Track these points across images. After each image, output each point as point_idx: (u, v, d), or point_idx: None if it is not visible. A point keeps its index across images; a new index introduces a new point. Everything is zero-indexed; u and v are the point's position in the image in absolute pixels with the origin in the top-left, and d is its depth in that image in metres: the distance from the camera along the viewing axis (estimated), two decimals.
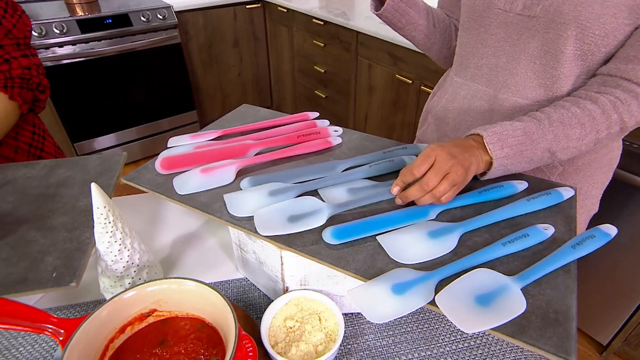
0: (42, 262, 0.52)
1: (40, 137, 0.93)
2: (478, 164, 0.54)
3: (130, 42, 2.07)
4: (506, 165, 0.55)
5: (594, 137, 0.56)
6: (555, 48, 0.60)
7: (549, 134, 0.55)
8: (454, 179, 0.51)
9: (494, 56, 0.67)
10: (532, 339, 0.38)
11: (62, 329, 0.43)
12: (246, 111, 0.81)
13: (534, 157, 0.56)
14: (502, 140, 0.54)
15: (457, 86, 0.76)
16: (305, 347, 0.48)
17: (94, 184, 0.50)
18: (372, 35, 1.81)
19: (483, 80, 0.70)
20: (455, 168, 0.51)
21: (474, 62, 0.71)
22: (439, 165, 0.51)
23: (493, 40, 0.67)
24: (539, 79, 0.63)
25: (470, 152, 0.54)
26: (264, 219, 0.51)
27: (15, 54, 0.78)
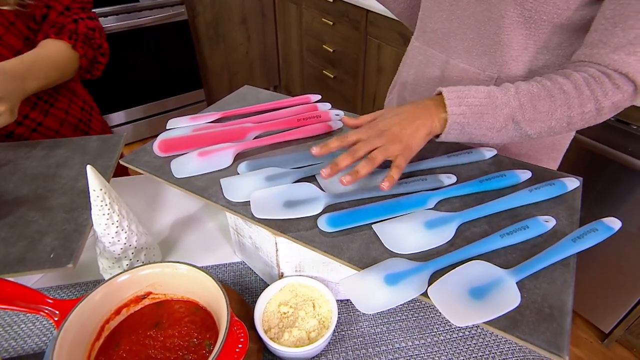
0: (41, 242, 0.53)
1: (88, 113, 0.94)
2: (432, 124, 0.52)
3: (137, 19, 2.05)
4: (462, 125, 0.52)
5: (565, 113, 0.52)
6: (497, 13, 0.59)
7: (513, 101, 0.52)
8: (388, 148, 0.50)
9: (448, 20, 0.67)
10: (524, 334, 0.38)
11: (58, 310, 0.43)
12: (247, 93, 0.80)
13: (495, 124, 0.53)
14: (461, 98, 0.52)
15: (416, 51, 0.76)
16: (298, 333, 0.48)
17: (89, 166, 0.50)
18: (382, 14, 1.75)
19: (437, 45, 0.70)
20: (389, 132, 0.51)
21: (431, 26, 0.71)
22: (372, 130, 0.51)
23: (447, 4, 0.66)
24: (484, 45, 0.63)
25: (422, 111, 0.52)
26: (260, 202, 0.51)
27: (82, 15, 0.80)
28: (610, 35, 0.50)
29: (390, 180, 0.49)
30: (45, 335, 0.54)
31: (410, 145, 0.51)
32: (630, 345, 1.40)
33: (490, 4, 0.59)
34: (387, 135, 0.51)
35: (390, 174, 0.50)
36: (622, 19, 0.49)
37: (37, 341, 0.53)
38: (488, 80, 0.65)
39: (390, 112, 0.54)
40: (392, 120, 0.52)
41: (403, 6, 0.83)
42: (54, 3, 0.76)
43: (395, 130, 0.51)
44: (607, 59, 0.50)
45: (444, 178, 0.56)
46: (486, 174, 0.57)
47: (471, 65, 0.66)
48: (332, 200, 0.51)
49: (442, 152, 0.61)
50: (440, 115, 0.52)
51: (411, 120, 0.52)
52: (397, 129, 0.51)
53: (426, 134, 0.52)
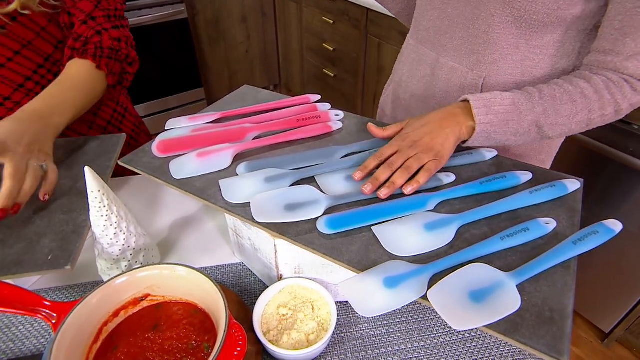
0: (39, 244, 0.53)
1: (121, 115, 0.92)
2: (460, 131, 0.54)
3: (137, 17, 2.04)
4: (489, 133, 0.54)
5: (586, 116, 0.55)
6: (486, 12, 0.60)
7: (538, 107, 0.54)
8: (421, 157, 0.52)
9: (439, 19, 0.68)
10: (524, 338, 0.38)
11: (55, 313, 0.43)
12: (246, 93, 0.79)
13: (520, 130, 0.55)
14: (488, 107, 0.54)
15: (410, 49, 0.78)
16: (297, 335, 0.48)
17: (87, 167, 0.49)
18: (383, 13, 1.75)
19: (429, 44, 0.71)
20: (421, 142, 0.53)
21: (423, 24, 0.72)
22: (404, 142, 0.53)
23: (439, 2, 0.67)
24: (472, 44, 0.64)
25: (449, 120, 0.54)
26: (260, 206, 0.51)
27: (106, 26, 0.76)
28: (622, 45, 0.52)
29: (416, 184, 0.51)
30: (44, 337, 0.54)
31: (442, 154, 0.53)
32: (631, 345, 1.40)
33: (480, 3, 0.60)
34: (419, 146, 0.53)
35: (417, 178, 0.51)
36: (632, 30, 0.51)
37: (35, 343, 0.53)
38: (476, 79, 0.66)
39: (418, 122, 0.57)
40: (422, 130, 0.55)
41: (401, 6, 0.84)
42: (75, 11, 0.72)
43: (427, 140, 0.54)
44: (622, 66, 0.53)
45: (443, 177, 0.56)
46: (486, 175, 0.56)
47: (460, 64, 0.67)
48: (332, 202, 0.51)
49: None
50: (467, 123, 0.55)
51: (441, 130, 0.54)
52: (429, 139, 0.54)
53: (455, 142, 0.55)
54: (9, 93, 0.71)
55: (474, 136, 0.55)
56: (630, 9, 0.50)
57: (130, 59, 0.82)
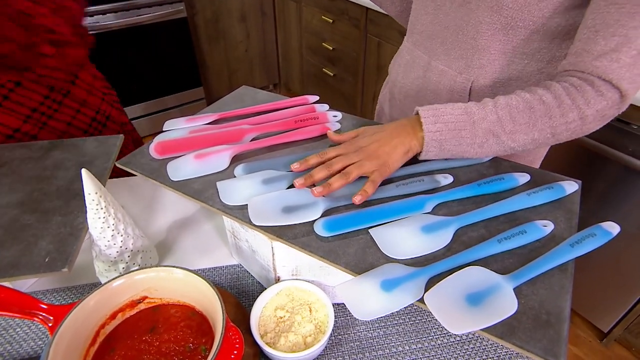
0: (36, 246, 0.52)
1: (100, 124, 0.91)
2: (410, 142, 0.54)
3: (136, 16, 2.04)
4: (440, 142, 0.53)
5: (547, 123, 0.51)
6: (475, 19, 0.61)
7: (491, 114, 0.52)
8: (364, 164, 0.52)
9: (431, 23, 0.69)
10: (521, 341, 0.38)
11: (52, 316, 0.43)
12: (245, 93, 0.79)
13: (475, 140, 0.53)
14: (437, 116, 0.53)
15: (405, 50, 0.79)
16: (294, 338, 0.48)
17: (84, 170, 0.49)
18: (382, 12, 1.74)
19: (422, 47, 0.73)
20: (367, 149, 0.53)
21: (418, 27, 0.73)
22: (351, 146, 0.53)
23: (432, 7, 0.68)
24: (462, 49, 0.65)
25: (400, 130, 0.54)
26: (258, 208, 0.50)
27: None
28: (592, 43, 0.50)
29: (364, 194, 0.50)
30: (41, 339, 0.54)
31: (387, 163, 0.53)
32: (629, 344, 1.40)
33: (469, 9, 0.61)
34: (364, 152, 0.53)
35: (364, 188, 0.51)
36: (603, 26, 0.49)
37: (33, 345, 0.53)
38: (465, 83, 0.67)
39: (370, 130, 0.57)
40: (371, 138, 0.55)
41: (399, 8, 0.85)
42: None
43: (373, 147, 0.53)
44: (590, 66, 0.50)
45: (441, 178, 0.56)
46: (484, 177, 0.56)
47: (449, 67, 0.68)
48: (330, 204, 0.51)
49: None
50: (417, 133, 0.54)
51: (389, 139, 0.54)
52: (375, 147, 0.53)
53: (404, 152, 0.54)
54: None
55: (424, 146, 0.53)
56: (602, 6, 0.49)
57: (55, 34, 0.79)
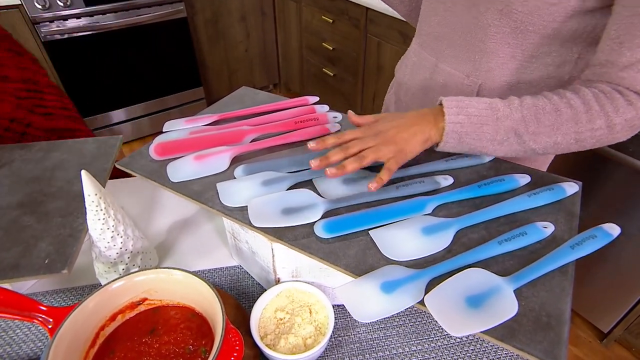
0: (35, 248, 0.52)
1: (18, 133, 0.90)
2: (429, 131, 0.52)
3: (136, 16, 2.04)
4: (460, 135, 0.52)
5: (572, 128, 0.50)
6: (484, 22, 0.59)
7: (516, 113, 0.51)
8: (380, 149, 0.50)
9: (440, 25, 0.67)
10: (521, 344, 0.37)
11: (51, 318, 0.43)
12: (244, 94, 0.79)
13: (496, 136, 0.52)
14: (461, 107, 0.52)
15: (412, 51, 0.78)
16: (294, 339, 0.48)
17: (84, 171, 0.49)
18: (382, 12, 1.74)
19: (429, 49, 0.71)
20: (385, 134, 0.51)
21: (425, 29, 0.72)
22: (369, 130, 0.52)
23: (441, 9, 0.66)
24: (470, 52, 0.64)
25: (420, 119, 0.53)
26: (258, 210, 0.50)
27: None
28: (617, 54, 0.49)
29: (379, 181, 0.50)
30: (41, 340, 0.54)
31: (404, 150, 0.51)
32: (629, 344, 1.40)
33: (478, 12, 0.60)
34: (382, 137, 0.51)
35: (380, 175, 0.50)
36: (628, 37, 0.47)
37: (33, 347, 0.53)
38: (472, 86, 0.65)
39: (391, 116, 0.55)
40: (391, 123, 0.53)
41: (408, 8, 0.83)
42: None
43: (391, 133, 0.52)
44: (617, 77, 0.49)
45: (441, 179, 0.56)
46: (485, 178, 0.56)
47: (457, 70, 0.67)
48: (330, 206, 0.51)
49: (440, 156, 0.61)
50: (438, 124, 0.52)
51: (409, 126, 0.52)
52: (394, 132, 0.52)
53: (423, 141, 0.52)
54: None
55: (444, 137, 0.52)
56: (626, 17, 0.48)
57: None
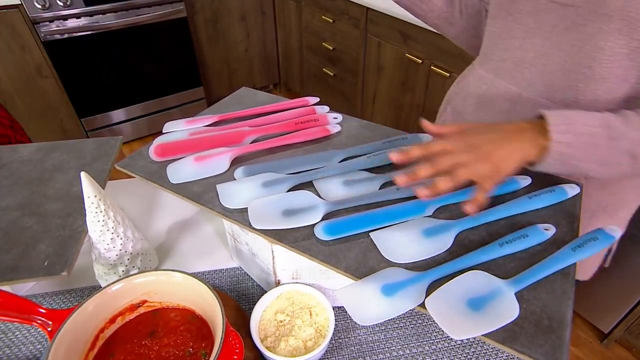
0: (35, 249, 0.52)
1: None
2: (528, 149, 0.45)
3: (135, 16, 2.03)
4: (565, 156, 0.45)
5: None
6: (593, 44, 0.51)
7: (634, 132, 0.44)
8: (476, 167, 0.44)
9: (521, 49, 0.59)
10: (522, 347, 0.37)
11: (51, 321, 0.43)
12: (244, 95, 0.79)
13: (608, 159, 0.46)
14: (569, 124, 0.45)
15: (478, 79, 0.68)
16: (294, 342, 0.48)
17: (83, 173, 0.49)
18: (383, 12, 1.74)
19: (506, 76, 0.62)
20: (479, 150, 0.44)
21: (499, 54, 0.63)
22: (459, 142, 0.45)
23: (521, 31, 0.58)
24: (570, 79, 0.55)
25: (518, 134, 0.46)
26: (258, 212, 0.50)
27: None
28: None
29: (477, 204, 0.44)
30: (40, 342, 0.54)
31: (501, 169, 0.45)
32: (630, 345, 1.39)
33: (583, 33, 0.51)
34: (476, 153, 0.45)
35: (477, 197, 0.44)
36: None
37: (32, 349, 0.53)
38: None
39: (481, 127, 0.48)
40: (484, 137, 0.46)
41: (459, 29, 0.75)
42: None
43: (487, 148, 0.45)
44: None
45: None
46: None
47: (551, 100, 0.58)
48: (331, 207, 0.51)
49: None
50: (539, 141, 0.46)
51: (507, 142, 0.45)
52: (489, 148, 0.45)
53: (520, 159, 0.46)
54: None
55: (545, 158, 0.46)
56: None
57: None
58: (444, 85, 1.63)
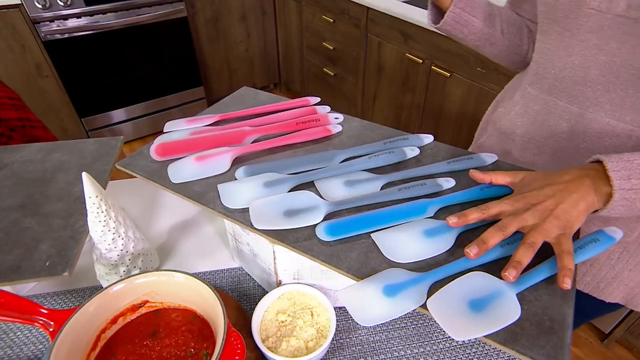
0: (36, 250, 0.52)
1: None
2: (592, 198, 0.44)
3: (136, 16, 2.04)
4: (632, 202, 0.44)
5: None
6: None
7: None
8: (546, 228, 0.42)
9: (582, 67, 0.55)
10: (524, 348, 0.37)
11: (52, 321, 0.43)
12: (245, 94, 0.79)
13: None
14: (631, 170, 0.43)
15: (530, 99, 0.65)
16: (295, 342, 0.48)
17: (84, 173, 0.49)
18: (383, 12, 1.74)
19: (564, 95, 0.59)
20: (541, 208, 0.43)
21: (554, 72, 0.60)
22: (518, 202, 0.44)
23: (581, 47, 0.55)
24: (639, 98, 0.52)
25: (578, 183, 0.44)
26: (259, 212, 0.50)
27: None
28: None
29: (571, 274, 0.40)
30: (42, 343, 0.54)
31: (570, 223, 0.43)
32: (630, 345, 1.40)
33: None
34: (540, 212, 0.43)
35: (566, 265, 0.41)
36: None
37: (34, 349, 0.53)
38: (638, 134, 0.55)
39: (535, 180, 0.47)
40: (543, 192, 0.45)
41: (500, 48, 0.72)
42: None
43: (549, 205, 0.44)
44: None
45: (443, 182, 0.55)
46: None
47: (620, 120, 0.54)
48: (332, 208, 0.51)
49: (441, 157, 0.61)
50: (601, 189, 0.44)
51: (567, 194, 0.44)
52: (551, 204, 0.43)
53: (585, 210, 0.44)
54: None
55: (610, 205, 0.44)
56: None
57: None
58: (445, 85, 1.63)
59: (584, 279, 0.68)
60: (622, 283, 0.65)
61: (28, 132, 0.95)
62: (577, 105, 0.58)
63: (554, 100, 0.61)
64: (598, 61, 0.54)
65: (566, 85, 0.59)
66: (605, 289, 0.67)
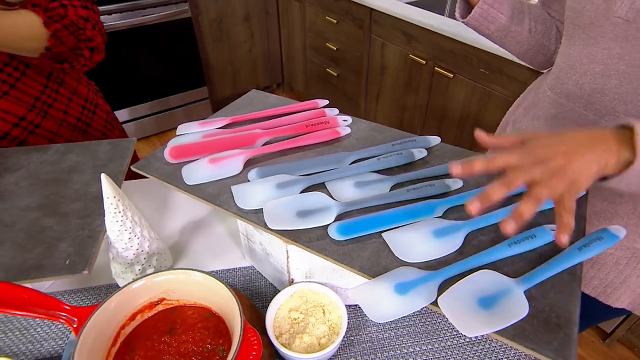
0: (57, 248, 0.54)
1: (90, 111, 0.92)
2: (607, 160, 0.40)
3: (141, 16, 2.05)
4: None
5: None
6: None
7: None
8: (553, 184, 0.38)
9: (603, 76, 0.55)
10: (532, 344, 0.39)
11: (76, 317, 0.44)
12: (255, 97, 0.80)
13: None
14: None
15: (548, 102, 0.65)
16: (308, 339, 0.49)
17: (103, 174, 0.51)
18: (386, 13, 1.75)
19: (582, 102, 0.58)
20: (552, 163, 0.39)
21: (575, 78, 0.59)
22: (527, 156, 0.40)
23: (604, 55, 0.54)
24: None
25: (596, 143, 0.40)
26: (273, 213, 0.52)
27: (75, 2, 0.72)
28: None
29: (568, 228, 0.39)
30: (61, 339, 0.55)
31: (577, 183, 0.40)
32: (632, 344, 1.41)
33: None
34: (547, 167, 0.39)
35: (566, 221, 0.39)
36: None
37: (54, 345, 0.55)
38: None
39: (549, 137, 0.43)
40: (556, 148, 0.41)
41: (526, 47, 0.71)
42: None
43: (560, 161, 0.39)
44: None
45: (451, 183, 0.57)
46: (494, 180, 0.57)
47: None
48: (343, 208, 0.52)
49: (448, 158, 0.62)
50: (621, 153, 0.40)
51: (581, 152, 0.40)
52: (563, 160, 0.39)
53: (597, 172, 0.40)
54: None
55: (626, 173, 0.40)
56: None
57: (92, 43, 0.76)
58: (448, 85, 1.65)
59: (591, 282, 0.68)
60: (630, 289, 0.65)
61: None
62: (593, 113, 0.58)
63: (570, 105, 0.60)
64: (617, 70, 0.53)
65: (585, 92, 0.58)
66: (612, 294, 0.67)
